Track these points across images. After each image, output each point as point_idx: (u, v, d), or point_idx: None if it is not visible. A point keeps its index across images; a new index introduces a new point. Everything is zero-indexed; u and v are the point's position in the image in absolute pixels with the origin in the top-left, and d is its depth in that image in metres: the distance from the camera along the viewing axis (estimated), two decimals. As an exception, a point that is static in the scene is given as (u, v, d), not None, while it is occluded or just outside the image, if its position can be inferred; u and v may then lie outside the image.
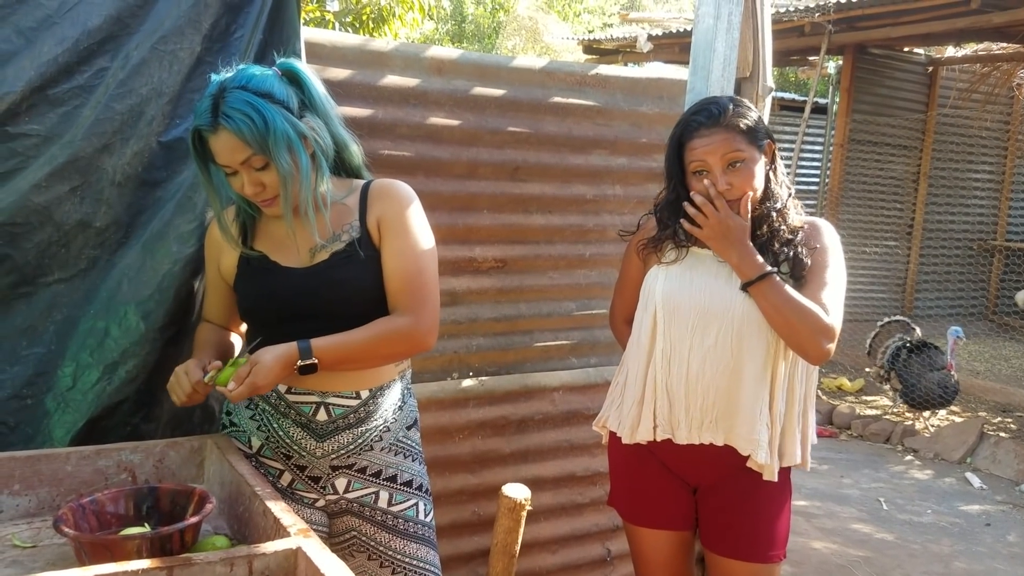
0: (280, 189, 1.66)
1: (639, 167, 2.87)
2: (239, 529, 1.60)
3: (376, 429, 1.84)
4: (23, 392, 1.89)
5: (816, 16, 7.17)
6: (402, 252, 1.76)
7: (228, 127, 1.60)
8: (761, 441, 1.95)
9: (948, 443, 5.82)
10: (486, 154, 2.60)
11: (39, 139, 1.87)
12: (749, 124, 1.94)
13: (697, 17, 2.41)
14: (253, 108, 1.60)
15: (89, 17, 1.90)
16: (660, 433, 2.03)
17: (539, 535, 2.78)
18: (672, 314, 2.00)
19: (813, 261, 1.98)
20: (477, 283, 2.65)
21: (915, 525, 4.61)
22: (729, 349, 1.96)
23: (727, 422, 1.98)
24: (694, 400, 1.98)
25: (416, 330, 1.75)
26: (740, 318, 1.95)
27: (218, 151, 1.65)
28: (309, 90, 1.71)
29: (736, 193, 1.93)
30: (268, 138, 1.60)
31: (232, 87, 1.63)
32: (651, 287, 2.06)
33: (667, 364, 2.01)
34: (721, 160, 1.93)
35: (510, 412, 2.74)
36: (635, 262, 2.16)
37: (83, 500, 1.53)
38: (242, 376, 1.62)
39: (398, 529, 1.88)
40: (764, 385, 1.96)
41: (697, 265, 2.03)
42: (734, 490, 2.03)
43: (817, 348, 1.89)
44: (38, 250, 1.90)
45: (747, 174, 1.94)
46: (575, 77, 2.73)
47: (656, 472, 2.10)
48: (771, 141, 2.01)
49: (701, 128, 1.94)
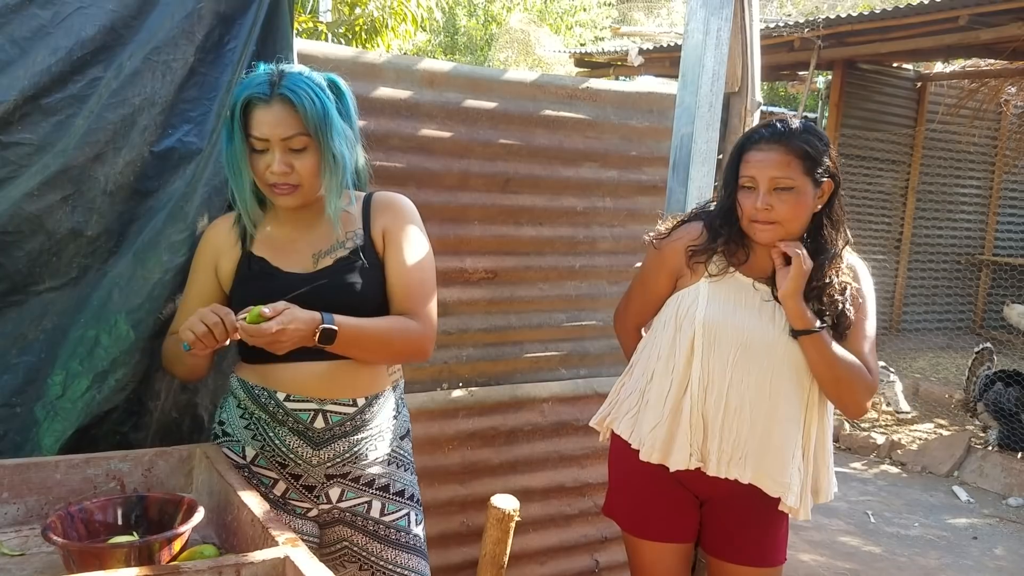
0: (323, 177, 1.71)
1: (629, 180, 2.89)
2: (227, 539, 1.60)
3: (371, 438, 1.85)
4: (12, 400, 1.88)
5: (805, 32, 7.22)
6: (407, 262, 1.81)
7: (291, 98, 1.65)
8: (792, 485, 1.93)
9: (935, 456, 5.84)
10: (477, 166, 2.61)
11: (32, 148, 1.87)
12: (812, 154, 1.87)
13: (686, 32, 2.44)
14: (316, 91, 1.67)
15: (83, 27, 1.90)
16: (694, 462, 1.99)
17: (528, 546, 2.78)
18: (712, 343, 1.95)
19: (857, 308, 1.95)
20: (467, 294, 2.66)
21: (902, 538, 4.63)
22: (768, 389, 1.93)
23: (756, 460, 1.95)
24: (728, 435, 1.95)
25: (423, 334, 1.80)
26: (781, 360, 1.92)
27: (264, 121, 1.67)
28: (347, 104, 1.77)
29: (771, 217, 1.87)
30: (326, 121, 1.67)
31: (291, 72, 1.69)
32: (689, 308, 1.99)
33: (703, 393, 1.96)
34: (769, 181, 1.87)
35: (500, 423, 2.75)
36: (664, 272, 2.07)
37: (71, 508, 1.53)
38: (279, 309, 1.60)
39: (390, 539, 1.88)
40: (798, 427, 1.94)
41: (739, 295, 1.97)
42: (742, 499, 2.03)
43: (859, 406, 1.93)
44: (29, 258, 1.89)
45: (792, 204, 1.87)
46: (566, 90, 2.75)
47: (667, 486, 2.07)
48: (831, 181, 1.92)
49: (761, 142, 1.90)
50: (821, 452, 2.01)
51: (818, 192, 1.91)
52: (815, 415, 1.96)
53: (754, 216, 1.90)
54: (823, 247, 1.95)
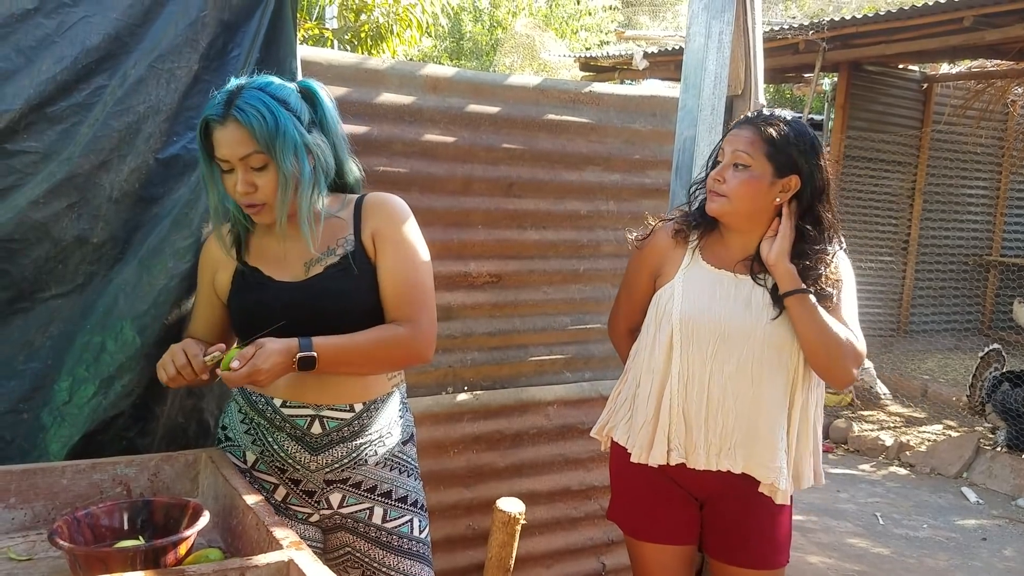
0: (278, 193, 1.68)
1: (633, 183, 2.89)
2: (232, 542, 1.61)
3: (371, 443, 1.84)
4: (19, 407, 1.90)
5: (810, 33, 7.21)
6: (399, 265, 1.78)
7: (239, 119, 1.63)
8: (783, 469, 1.95)
9: (944, 458, 5.82)
10: (481, 170, 2.62)
11: (37, 156, 1.88)
12: (776, 140, 1.90)
13: (688, 36, 2.44)
14: (267, 107, 1.64)
15: (88, 36, 1.91)
16: (675, 457, 2.00)
17: (534, 549, 2.79)
18: (690, 337, 1.97)
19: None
20: (472, 298, 2.67)
21: (911, 540, 4.61)
22: (749, 376, 1.94)
23: (746, 449, 1.96)
24: (713, 427, 1.96)
25: (415, 340, 1.77)
26: (761, 344, 1.94)
27: (222, 143, 1.66)
28: (322, 110, 1.75)
29: (720, 188, 1.93)
30: (276, 138, 1.63)
31: (251, 87, 1.67)
32: (665, 306, 2.02)
33: (684, 388, 1.98)
34: (731, 155, 1.93)
35: (505, 426, 2.75)
36: (644, 272, 2.11)
37: (78, 513, 1.54)
38: (246, 356, 1.61)
39: (392, 546, 1.88)
40: (783, 411, 1.96)
41: (714, 286, 1.99)
42: (742, 500, 2.03)
43: (847, 373, 1.92)
44: (35, 266, 1.91)
45: (744, 183, 1.91)
46: (569, 95, 2.76)
47: (664, 487, 2.08)
48: (799, 178, 1.92)
49: (743, 122, 1.98)
50: (804, 437, 2.01)
51: (780, 183, 1.92)
52: (799, 398, 1.97)
53: (710, 185, 1.97)
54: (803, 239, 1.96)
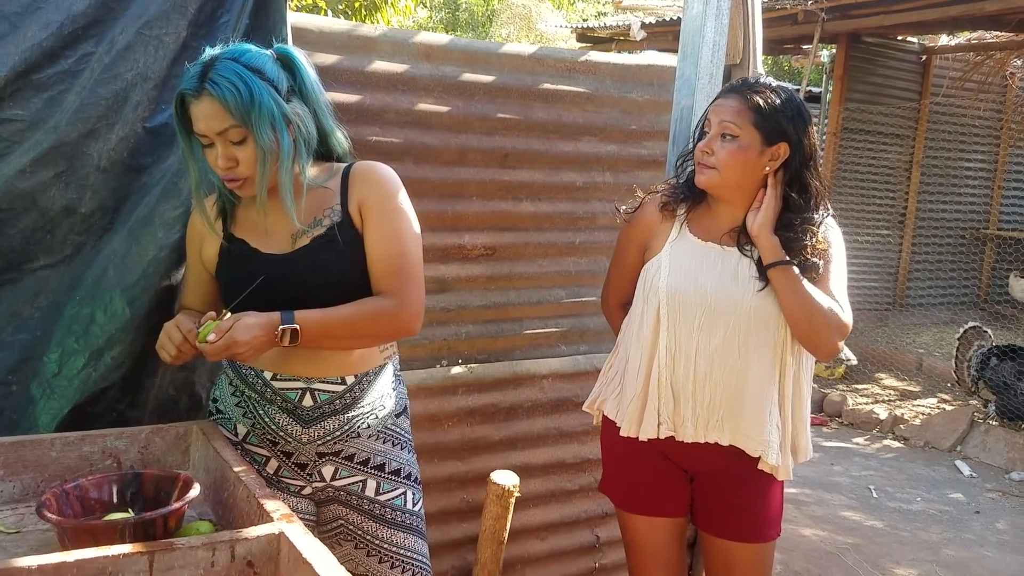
0: (257, 166, 1.64)
1: (629, 154, 2.86)
2: (224, 515, 1.60)
3: (363, 416, 1.83)
4: (8, 378, 1.88)
5: (809, 4, 7.13)
6: (385, 236, 1.74)
7: (212, 92, 1.58)
8: (772, 443, 1.94)
9: (938, 431, 5.84)
10: (475, 140, 2.58)
11: (23, 124, 1.85)
12: (763, 108, 1.88)
13: (686, 3, 2.40)
14: (241, 79, 1.59)
15: (74, 2, 1.88)
16: (663, 431, 2.01)
17: (528, 522, 2.79)
18: (677, 311, 1.96)
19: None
20: (466, 270, 2.64)
21: (905, 512, 4.64)
22: (736, 348, 1.93)
23: (733, 422, 1.96)
24: (701, 399, 1.96)
25: (401, 312, 1.74)
26: (748, 316, 1.92)
27: (198, 117, 1.62)
28: (302, 77, 1.70)
29: (708, 160, 1.90)
30: (252, 110, 1.59)
31: (224, 58, 1.62)
32: (652, 280, 2.01)
33: (672, 361, 1.97)
34: (719, 125, 1.90)
35: (499, 399, 2.74)
36: (633, 246, 2.10)
37: (67, 486, 1.53)
38: (223, 329, 1.59)
39: (385, 518, 1.87)
40: (772, 384, 1.95)
41: (701, 259, 1.98)
42: (732, 474, 2.03)
43: (831, 344, 1.90)
44: (23, 236, 1.88)
45: (732, 153, 1.89)
46: (565, 64, 2.72)
47: (654, 460, 2.08)
48: (786, 145, 1.90)
49: (728, 91, 1.96)
50: (799, 409, 2.00)
51: (768, 152, 1.90)
52: (789, 370, 1.96)
53: (698, 158, 1.95)
54: (789, 208, 1.94)
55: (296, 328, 1.63)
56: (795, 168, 1.93)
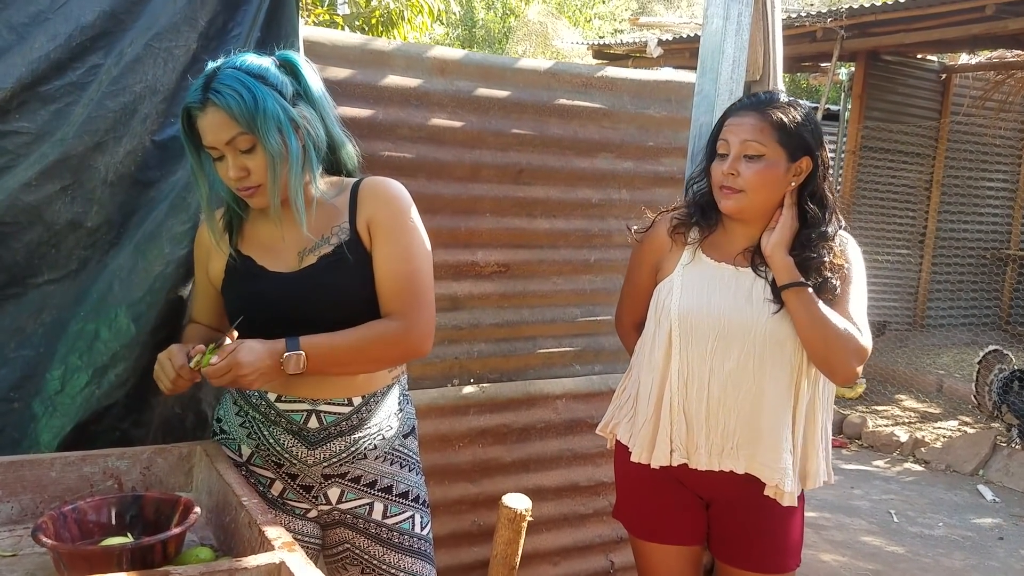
0: (267, 174, 1.61)
1: (646, 171, 2.82)
2: (225, 540, 1.54)
3: (370, 437, 1.78)
4: (10, 395, 1.85)
5: (828, 21, 7.10)
6: (394, 255, 1.69)
7: (216, 102, 1.56)
8: (787, 469, 1.87)
9: (960, 454, 5.73)
10: (489, 156, 2.55)
11: (30, 137, 1.83)
12: (787, 124, 1.81)
13: (706, 18, 2.36)
14: (243, 85, 1.57)
15: (82, 13, 1.86)
16: (676, 458, 1.94)
17: (541, 546, 2.73)
18: (689, 334, 1.90)
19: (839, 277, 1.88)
20: (479, 288, 2.60)
21: (926, 538, 4.53)
22: (751, 372, 1.86)
23: (749, 449, 1.89)
24: (715, 426, 1.89)
25: (409, 335, 1.68)
26: (762, 339, 1.85)
27: (205, 130, 1.60)
28: (305, 82, 1.67)
29: (736, 184, 1.83)
30: (257, 116, 1.56)
31: (226, 67, 1.60)
32: (664, 301, 1.95)
33: (684, 386, 1.91)
34: (740, 146, 1.82)
35: (512, 420, 2.68)
36: (645, 266, 2.05)
37: (64, 508, 1.48)
38: (226, 351, 1.55)
39: (392, 542, 1.82)
40: (787, 409, 1.87)
41: (714, 281, 1.92)
42: (750, 501, 1.96)
43: (848, 369, 1.83)
44: (28, 250, 1.86)
45: (759, 172, 1.82)
46: (581, 79, 2.68)
47: (668, 487, 2.01)
48: (810, 159, 1.85)
49: (741, 109, 1.87)
50: (811, 433, 1.93)
51: (793, 167, 1.84)
52: (804, 395, 1.89)
53: (720, 181, 1.86)
54: (807, 224, 1.88)
55: (301, 354, 1.59)
56: (815, 181, 1.88)
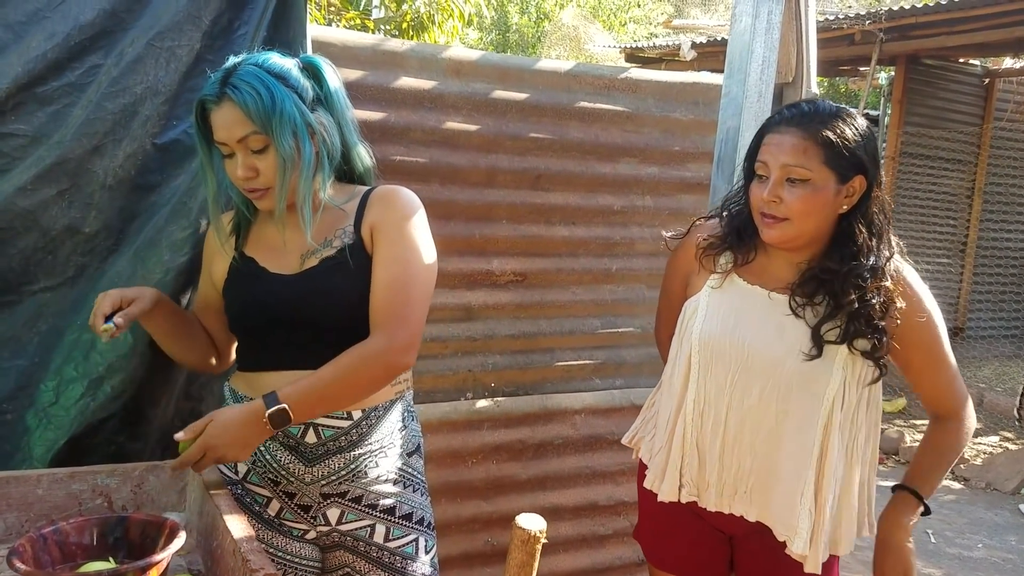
0: (277, 176, 1.56)
1: (671, 177, 2.73)
2: (212, 566, 1.47)
3: (371, 454, 1.69)
4: (3, 407, 1.81)
5: (867, 24, 6.94)
6: (391, 262, 1.62)
7: (233, 98, 1.52)
8: (801, 530, 1.67)
9: (1001, 472, 5.56)
10: (506, 161, 2.48)
11: (26, 139, 1.79)
12: (835, 142, 1.59)
13: (733, 16, 2.25)
14: (263, 83, 1.53)
15: (81, 12, 1.81)
16: (685, 494, 1.80)
17: (558, 568, 2.64)
18: (709, 362, 1.73)
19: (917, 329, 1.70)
20: (494, 297, 2.52)
21: (965, 560, 4.37)
22: (773, 412, 1.68)
23: (762, 497, 1.72)
24: (728, 465, 1.73)
25: (389, 349, 1.59)
26: (788, 380, 1.66)
27: (218, 125, 1.55)
28: (327, 87, 1.63)
29: (779, 211, 1.62)
30: (273, 117, 1.52)
31: (247, 63, 1.56)
32: (688, 323, 1.79)
33: (699, 417, 1.75)
34: (781, 169, 1.61)
35: (528, 435, 2.60)
36: (679, 276, 1.89)
37: (45, 530, 1.41)
38: (196, 430, 1.48)
39: (395, 567, 1.73)
40: (810, 462, 1.66)
41: (744, 306, 1.73)
42: (775, 542, 1.76)
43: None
44: (23, 256, 1.81)
45: (804, 199, 1.60)
46: (603, 81, 2.59)
47: (687, 518, 1.87)
48: (863, 178, 1.63)
49: (781, 123, 1.64)
50: (846, 498, 1.71)
51: (844, 189, 1.62)
52: (833, 451, 1.66)
53: (761, 208, 1.66)
54: (855, 255, 1.65)
55: (284, 408, 1.51)
56: (867, 202, 1.66)
